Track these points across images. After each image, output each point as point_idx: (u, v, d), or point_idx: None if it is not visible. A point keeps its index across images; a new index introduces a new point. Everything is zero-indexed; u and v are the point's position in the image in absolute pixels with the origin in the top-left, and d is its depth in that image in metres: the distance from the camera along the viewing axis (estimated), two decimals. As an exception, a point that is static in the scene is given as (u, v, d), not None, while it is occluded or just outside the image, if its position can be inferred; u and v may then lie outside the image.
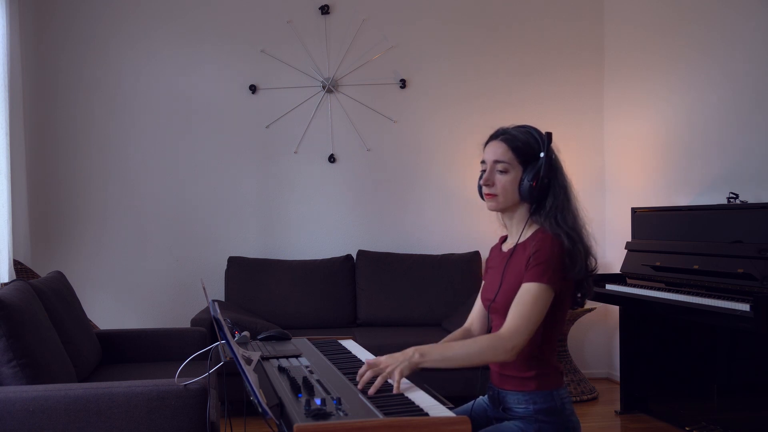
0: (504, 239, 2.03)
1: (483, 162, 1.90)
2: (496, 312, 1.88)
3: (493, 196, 1.87)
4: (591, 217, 1.91)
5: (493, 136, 1.91)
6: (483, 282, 2.06)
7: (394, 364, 1.66)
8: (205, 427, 2.18)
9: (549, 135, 1.84)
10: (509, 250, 1.90)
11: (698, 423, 3.52)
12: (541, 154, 1.82)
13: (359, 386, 1.63)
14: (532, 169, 1.82)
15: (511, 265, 1.86)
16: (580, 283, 1.84)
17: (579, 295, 1.88)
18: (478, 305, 2.07)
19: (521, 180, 1.83)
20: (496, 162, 1.86)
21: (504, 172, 1.85)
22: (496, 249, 2.03)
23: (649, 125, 4.42)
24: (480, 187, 1.91)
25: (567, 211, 1.83)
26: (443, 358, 1.73)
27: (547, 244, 1.77)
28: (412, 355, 1.69)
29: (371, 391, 1.59)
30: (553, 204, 1.83)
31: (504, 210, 1.90)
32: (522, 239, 1.87)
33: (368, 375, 1.64)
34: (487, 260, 2.08)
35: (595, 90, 4.96)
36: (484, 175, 1.88)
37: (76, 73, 4.61)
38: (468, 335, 2.04)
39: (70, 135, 4.61)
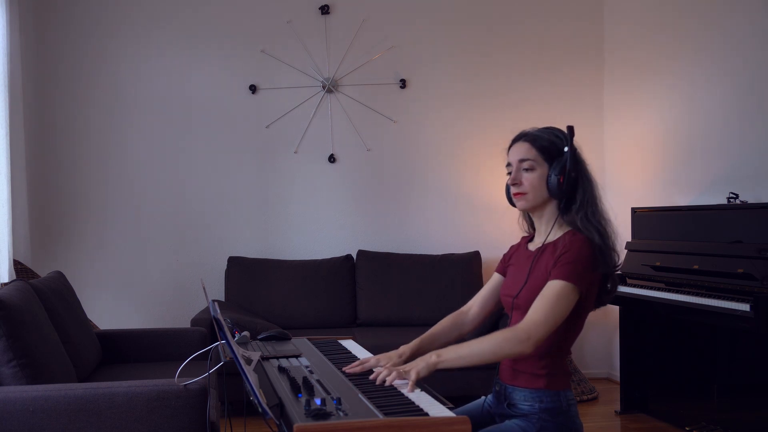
0: (528, 239, 2.02)
1: (509, 165, 1.91)
2: (518, 309, 1.87)
3: (522, 194, 1.87)
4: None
5: (516, 139, 1.92)
6: (496, 276, 2.05)
7: (413, 366, 1.70)
8: (205, 427, 2.18)
9: (570, 129, 1.84)
10: (537, 249, 1.89)
11: (698, 423, 3.52)
12: (565, 149, 1.83)
13: (378, 381, 1.68)
14: (558, 165, 1.82)
15: (539, 264, 1.85)
16: (605, 280, 1.83)
17: (605, 292, 1.85)
18: (484, 293, 2.07)
19: (548, 176, 1.84)
20: (522, 161, 1.86)
21: (530, 169, 1.86)
22: (521, 247, 2.02)
23: (649, 125, 4.42)
24: (508, 190, 1.91)
25: (596, 206, 1.84)
26: (459, 356, 1.73)
27: (577, 245, 1.77)
28: (429, 357, 1.73)
29: (388, 381, 1.66)
30: (583, 198, 1.83)
31: (533, 208, 1.90)
32: (552, 238, 1.87)
33: (385, 374, 1.69)
34: (507, 257, 2.06)
35: (595, 90, 4.96)
36: (512, 175, 1.89)
37: (76, 73, 4.61)
38: (461, 318, 2.06)
39: (70, 135, 4.61)
